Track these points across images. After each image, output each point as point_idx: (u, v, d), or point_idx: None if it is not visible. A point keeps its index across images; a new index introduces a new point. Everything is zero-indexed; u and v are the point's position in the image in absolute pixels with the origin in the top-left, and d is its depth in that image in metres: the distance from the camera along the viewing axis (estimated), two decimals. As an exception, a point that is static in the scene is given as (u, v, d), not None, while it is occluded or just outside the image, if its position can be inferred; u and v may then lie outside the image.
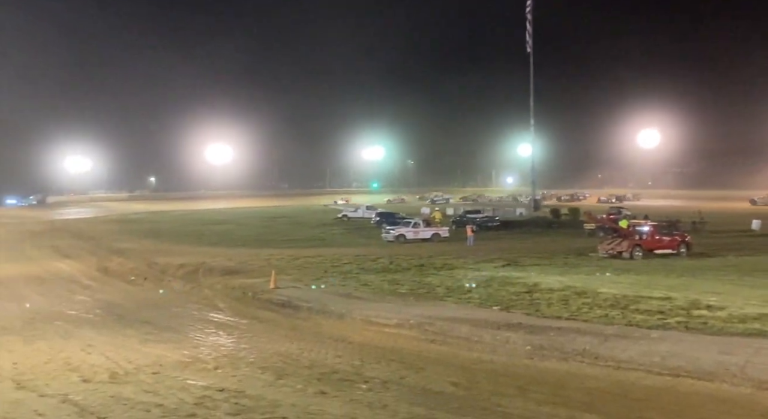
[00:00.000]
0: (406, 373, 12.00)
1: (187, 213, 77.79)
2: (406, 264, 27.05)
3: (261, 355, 13.63)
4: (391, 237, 39.82)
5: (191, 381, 11.62)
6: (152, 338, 15.58)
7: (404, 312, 17.05)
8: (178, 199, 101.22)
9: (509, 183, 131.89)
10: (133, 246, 37.71)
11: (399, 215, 52.55)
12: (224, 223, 58.35)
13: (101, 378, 11.88)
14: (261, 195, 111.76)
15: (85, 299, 21.78)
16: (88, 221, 64.31)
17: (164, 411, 9.78)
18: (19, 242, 41.94)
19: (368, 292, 20.92)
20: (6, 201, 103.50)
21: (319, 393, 10.72)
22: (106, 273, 27.92)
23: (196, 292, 22.82)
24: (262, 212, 79.31)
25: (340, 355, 13.49)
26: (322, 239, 42.70)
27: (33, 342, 15.30)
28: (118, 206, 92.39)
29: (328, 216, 63.93)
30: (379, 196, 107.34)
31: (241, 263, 29.18)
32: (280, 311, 19.03)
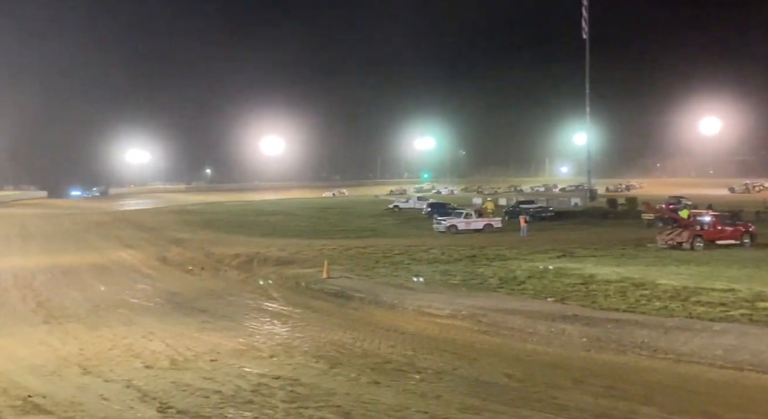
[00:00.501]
0: (459, 364, 11.95)
1: (242, 204, 79.27)
2: (457, 255, 26.90)
3: (315, 344, 13.80)
4: (443, 228, 39.64)
5: (247, 368, 11.86)
6: (209, 326, 15.96)
7: (456, 303, 16.97)
8: (232, 190, 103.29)
9: (563, 172, 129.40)
10: (190, 237, 38.64)
11: (450, 205, 52.24)
12: (277, 214, 59.23)
13: (162, 364, 12.24)
14: (313, 186, 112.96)
15: (145, 287, 22.45)
16: (147, 212, 66.28)
17: (222, 397, 10.01)
18: (84, 232, 43.50)
19: (420, 282, 20.90)
20: (71, 193, 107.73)
21: (373, 382, 10.79)
22: (165, 263, 28.69)
23: (251, 282, 23.24)
24: (314, 203, 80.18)
25: (393, 345, 13.54)
26: (374, 230, 42.85)
27: (97, 328, 15.86)
28: (176, 198, 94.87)
29: (379, 207, 64.13)
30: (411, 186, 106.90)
31: (294, 253, 29.56)
32: (333, 301, 19.21)
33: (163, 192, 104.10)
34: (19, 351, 13.78)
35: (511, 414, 9.17)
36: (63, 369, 12.11)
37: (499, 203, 60.63)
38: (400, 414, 9.13)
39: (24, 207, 73.77)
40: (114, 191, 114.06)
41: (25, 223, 50.66)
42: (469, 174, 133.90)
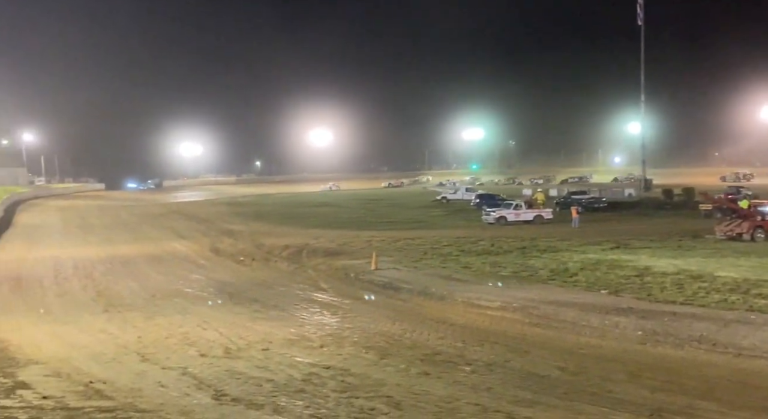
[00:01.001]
0: (511, 356, 11.83)
1: (291, 196, 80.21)
2: (507, 247, 26.60)
3: (364, 335, 13.87)
4: (492, 219, 39.22)
5: (299, 358, 12.01)
6: (261, 316, 16.22)
7: (507, 295, 16.79)
8: (281, 182, 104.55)
9: (617, 163, 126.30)
10: (241, 228, 39.28)
11: (500, 196, 51.66)
12: (326, 205, 59.69)
13: (216, 352, 12.51)
14: (361, 178, 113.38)
15: (199, 277, 22.94)
16: (200, 204, 67.70)
17: (275, 386, 10.16)
18: (140, 223, 44.74)
19: (469, 274, 20.75)
20: (127, 185, 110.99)
21: (423, 373, 10.77)
22: (218, 254, 29.26)
23: (301, 272, 23.48)
24: (362, 194, 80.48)
25: (442, 337, 13.50)
26: (422, 222, 42.73)
27: (154, 317, 16.31)
28: (227, 190, 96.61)
29: (427, 198, 63.90)
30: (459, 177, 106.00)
31: (343, 244, 29.73)
32: (382, 292, 19.25)
33: (214, 184, 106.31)
34: (80, 338, 14.30)
35: (565, 408, 9.02)
36: (122, 356, 12.50)
37: (549, 194, 59.67)
38: (450, 405, 9.10)
39: (83, 199, 76.31)
40: (168, 183, 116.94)
41: (85, 214, 52.39)
42: (518, 165, 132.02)
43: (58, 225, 43.73)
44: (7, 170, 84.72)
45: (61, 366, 11.71)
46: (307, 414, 8.76)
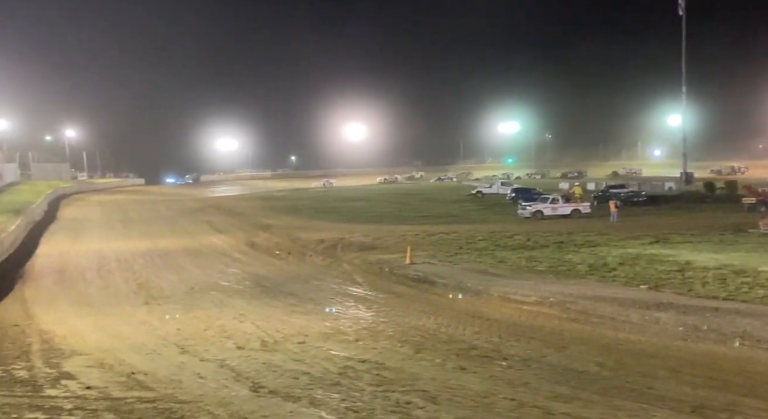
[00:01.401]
0: (548, 352, 11.71)
1: (325, 190, 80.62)
2: (544, 241, 26.31)
3: (399, 329, 13.88)
4: (528, 213, 38.81)
5: (334, 351, 12.08)
6: (296, 309, 16.37)
7: (543, 290, 16.61)
8: (316, 177, 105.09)
9: (657, 156, 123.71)
10: (276, 222, 39.63)
11: (536, 190, 51.10)
12: (360, 200, 59.83)
13: (253, 345, 12.66)
14: (395, 172, 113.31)
15: (236, 271, 23.25)
16: (236, 198, 68.50)
17: (311, 378, 10.24)
18: (178, 217, 45.50)
19: (505, 269, 20.59)
20: (166, 180, 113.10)
21: (458, 368, 10.73)
22: (254, 247, 29.60)
23: (336, 266, 23.61)
24: (397, 188, 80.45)
25: (478, 331, 13.43)
26: (456, 216, 42.52)
27: (192, 310, 16.60)
28: (263, 184, 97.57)
29: (461, 192, 63.57)
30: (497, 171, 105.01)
31: (377, 239, 29.77)
32: (416, 287, 19.23)
33: (249, 179, 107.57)
34: (122, 329, 14.63)
35: (604, 404, 8.90)
36: (162, 347, 12.75)
37: (587, 188, 58.82)
38: (487, 400, 9.05)
39: (124, 194, 77.93)
40: (205, 178, 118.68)
41: (126, 209, 53.49)
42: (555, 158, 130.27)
43: (99, 219, 44.75)
44: (52, 165, 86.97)
45: (103, 356, 11.99)
46: (343, 407, 8.81)
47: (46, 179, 74.48)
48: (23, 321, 15.88)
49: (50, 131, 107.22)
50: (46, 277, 22.69)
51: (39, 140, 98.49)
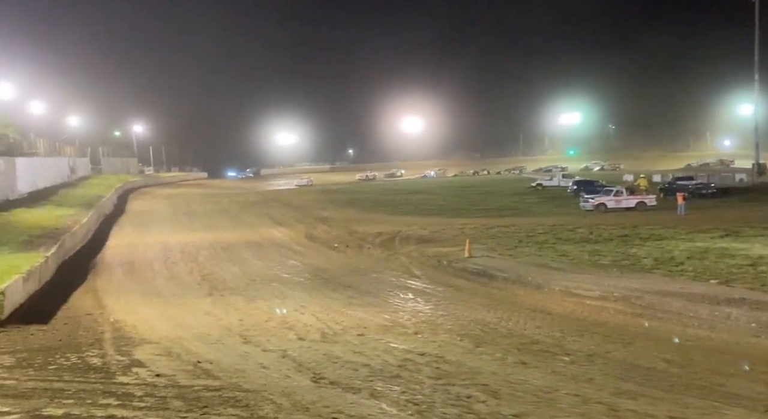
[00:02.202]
0: (612, 347, 11.43)
1: (383, 183, 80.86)
2: (607, 234, 25.66)
3: (458, 322, 13.80)
4: (590, 206, 37.96)
5: (393, 344, 12.10)
6: (355, 302, 16.48)
7: (607, 284, 16.21)
8: (373, 169, 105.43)
9: (726, 146, 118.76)
10: (334, 215, 40.02)
11: (599, 182, 49.88)
12: (418, 192, 59.72)
13: (313, 337, 12.82)
14: (453, 165, 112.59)
15: (296, 263, 23.59)
16: (295, 191, 69.51)
17: (371, 371, 10.30)
18: (239, 211, 46.49)
19: (566, 263, 20.20)
20: (228, 174, 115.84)
21: (520, 363, 10.60)
22: (313, 240, 29.96)
23: (394, 259, 23.65)
24: (455, 181, 79.99)
25: (540, 326, 13.22)
26: (516, 209, 41.96)
27: (254, 301, 16.94)
28: (321, 177, 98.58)
29: (521, 185, 62.65)
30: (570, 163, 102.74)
31: (435, 232, 29.68)
32: (476, 280, 19.08)
33: (308, 172, 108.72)
34: (188, 319, 15.06)
35: (671, 401, 8.62)
36: (226, 338, 13.06)
37: (653, 180, 57.03)
38: (549, 395, 8.90)
39: (188, 187, 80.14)
40: (265, 171, 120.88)
41: (189, 202, 55.00)
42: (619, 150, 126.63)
43: (165, 212, 46.15)
44: (120, 160, 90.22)
45: (171, 345, 12.37)
46: (403, 400, 8.82)
47: (115, 172, 77.35)
48: (95, 310, 16.54)
49: (119, 127, 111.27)
50: (116, 268, 23.57)
51: (108, 136, 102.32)
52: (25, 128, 51.02)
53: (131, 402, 8.75)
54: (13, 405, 8.44)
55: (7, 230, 26.15)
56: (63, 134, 68.93)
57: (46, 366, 10.91)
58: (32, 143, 52.48)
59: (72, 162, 61.36)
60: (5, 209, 31.91)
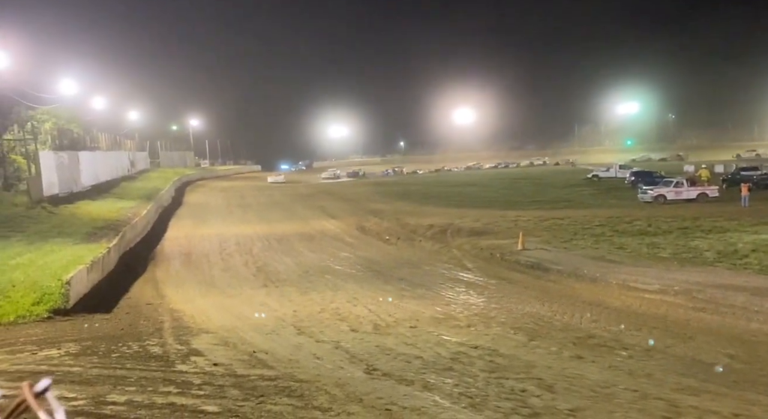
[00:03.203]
0: (672, 342, 11.11)
1: (434, 175, 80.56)
2: (666, 227, 24.91)
3: (512, 316, 13.65)
4: (649, 198, 36.90)
5: (446, 336, 12.05)
6: (407, 294, 16.48)
7: (667, 278, 15.75)
8: (425, 162, 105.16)
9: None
10: (386, 207, 40.06)
11: (657, 173, 48.48)
12: (469, 184, 59.27)
13: (366, 328, 12.88)
14: (506, 156, 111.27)
15: (347, 255, 23.74)
16: (346, 184, 69.95)
17: (423, 363, 10.28)
18: (292, 203, 47.06)
19: (624, 255, 19.71)
20: (281, 166, 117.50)
21: (576, 357, 10.40)
22: (364, 232, 30.08)
23: (445, 252, 23.54)
24: (507, 173, 79.03)
25: (596, 320, 12.95)
26: (571, 201, 41.15)
27: (307, 292, 17.13)
28: (372, 170, 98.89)
29: (576, 177, 61.42)
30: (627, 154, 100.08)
31: (488, 224, 29.38)
32: (529, 273, 18.82)
33: (359, 165, 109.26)
34: (243, 310, 15.36)
35: (735, 397, 8.32)
36: (280, 328, 13.25)
37: (715, 170, 55.07)
38: (607, 390, 8.71)
39: (242, 180, 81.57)
40: (317, 164, 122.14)
41: (244, 194, 55.98)
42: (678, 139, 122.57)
43: (220, 204, 47.10)
44: (178, 153, 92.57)
45: (228, 335, 12.63)
46: (456, 392, 8.77)
47: (173, 166, 79.41)
48: (155, 300, 17.04)
49: (176, 121, 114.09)
50: (174, 259, 24.20)
51: (166, 130, 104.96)
52: (87, 123, 52.78)
53: (190, 390, 8.96)
54: (79, 392, 8.76)
55: (72, 222, 27.17)
56: (123, 128, 71.06)
57: (110, 354, 11.29)
58: (94, 137, 54.29)
59: (132, 156, 63.24)
60: (70, 201, 33.16)
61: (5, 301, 14.56)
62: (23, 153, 36.15)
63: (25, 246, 20.91)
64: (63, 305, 14.75)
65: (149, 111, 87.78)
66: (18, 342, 12.18)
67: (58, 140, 43.23)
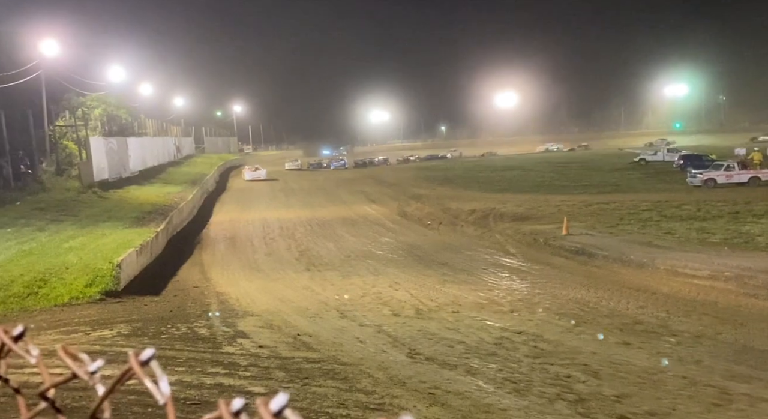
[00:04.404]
0: (722, 329, 10.84)
1: (476, 160, 79.86)
2: (717, 211, 24.21)
3: (556, 301, 13.49)
4: (698, 182, 35.90)
5: (489, 321, 11.99)
6: (449, 279, 16.43)
7: (718, 263, 15.33)
8: (466, 146, 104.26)
9: None
10: (428, 192, 39.92)
11: (707, 157, 47.07)
12: (512, 169, 58.54)
13: (408, 313, 12.91)
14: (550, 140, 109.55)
15: (389, 240, 23.79)
16: (388, 168, 69.91)
17: (466, 347, 10.26)
18: (334, 188, 47.35)
19: (672, 241, 19.25)
20: (322, 152, 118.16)
21: (622, 343, 10.24)
22: (406, 217, 30.09)
23: (488, 237, 23.38)
24: (551, 157, 77.81)
25: (643, 306, 12.72)
26: (617, 185, 40.30)
27: (350, 277, 17.25)
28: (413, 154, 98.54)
29: (622, 160, 60.09)
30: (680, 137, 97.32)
31: (531, 209, 29.03)
32: (574, 258, 18.56)
33: (400, 150, 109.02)
34: (287, 293, 15.56)
35: (791, 388, 8.09)
36: (324, 312, 13.39)
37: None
38: (654, 377, 8.56)
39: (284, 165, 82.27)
40: (358, 149, 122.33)
41: (287, 179, 56.52)
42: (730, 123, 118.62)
43: (264, 189, 47.67)
44: (222, 139, 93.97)
45: (272, 318, 12.81)
46: (500, 378, 8.74)
47: (217, 151, 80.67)
48: (202, 283, 17.40)
49: (220, 107, 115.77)
50: (219, 243, 24.64)
51: (210, 116, 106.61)
52: (135, 110, 53.94)
53: (237, 371, 9.14)
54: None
55: (121, 206, 27.91)
56: (169, 114, 72.39)
57: (159, 335, 11.58)
58: (142, 123, 55.50)
59: (178, 142, 64.48)
60: (119, 186, 34.04)
61: (60, 283, 15.07)
62: (74, 139, 37.20)
63: (78, 230, 21.58)
64: (114, 287, 15.19)
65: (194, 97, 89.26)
66: (72, 322, 12.60)
67: (107, 126, 44.34)
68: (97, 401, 0.74)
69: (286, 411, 0.55)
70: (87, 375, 0.76)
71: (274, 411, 0.55)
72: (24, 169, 32.12)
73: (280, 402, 0.55)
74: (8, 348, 0.84)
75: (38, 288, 14.72)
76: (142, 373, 0.71)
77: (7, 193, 27.20)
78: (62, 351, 0.77)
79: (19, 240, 19.47)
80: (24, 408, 0.82)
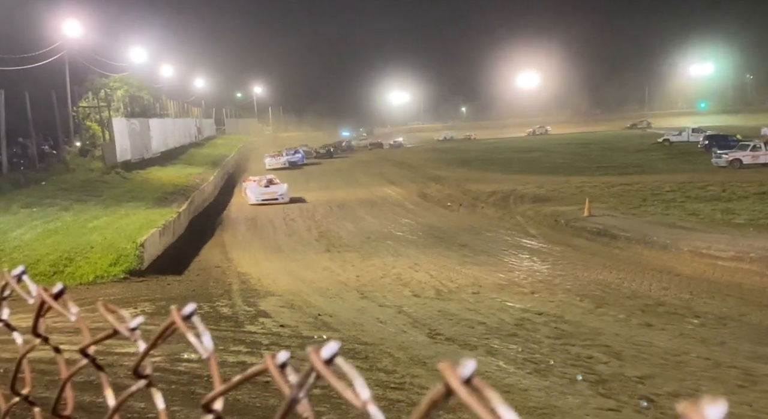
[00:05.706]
0: (747, 310, 10.72)
1: (497, 141, 79.28)
2: (742, 192, 23.84)
3: (577, 282, 13.43)
4: (723, 162, 35.33)
5: (509, 303, 11.98)
6: (469, 260, 16.41)
7: (742, 244, 15.12)
8: (488, 127, 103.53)
9: None
10: (447, 174, 39.75)
11: (733, 137, 46.25)
12: (533, 150, 58.03)
13: (428, 294, 12.94)
14: (571, 121, 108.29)
15: (409, 221, 23.78)
16: (407, 150, 69.75)
17: (487, 328, 10.27)
18: (353, 169, 47.34)
19: (696, 222, 19.01)
20: (341, 133, 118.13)
21: (644, 324, 10.18)
22: (425, 199, 30.03)
23: (508, 218, 23.27)
24: (573, 138, 76.98)
25: (666, 287, 12.61)
26: (640, 166, 39.79)
27: (369, 258, 17.29)
28: (433, 136, 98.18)
29: (646, 141, 59.28)
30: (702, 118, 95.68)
31: (552, 190, 28.80)
32: (595, 240, 18.41)
33: (420, 131, 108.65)
34: (307, 274, 15.66)
35: (816, 371, 7.99)
36: (344, 292, 13.46)
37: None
38: (677, 358, 8.51)
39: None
40: (378, 131, 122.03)
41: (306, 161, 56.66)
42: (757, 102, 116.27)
43: (282, 171, 47.81)
44: (242, 120, 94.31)
45: (293, 298, 12.91)
46: (521, 358, 8.74)
47: (237, 133, 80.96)
48: (223, 263, 17.56)
49: (240, 89, 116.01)
50: (240, 224, 24.82)
51: (231, 97, 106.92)
52: (157, 91, 54.23)
53: (259, 349, 9.23)
54: (156, 349, 9.13)
55: (144, 187, 28.18)
56: (190, 95, 72.69)
57: (182, 314, 11.74)
58: (163, 104, 55.81)
59: (199, 123, 64.81)
60: (141, 167, 34.35)
61: (84, 262, 15.30)
62: (97, 120, 37.54)
63: (101, 210, 21.85)
64: (138, 266, 15.39)
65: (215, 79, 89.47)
66: (97, 300, 12.78)
67: (130, 107, 44.63)
68: (139, 356, 0.74)
69: (337, 358, 0.55)
70: (128, 331, 0.76)
71: (326, 358, 0.54)
72: (48, 149, 32.55)
73: (332, 349, 0.55)
74: (48, 305, 0.85)
75: (64, 267, 14.96)
76: (184, 327, 0.71)
77: (33, 173, 27.59)
78: (103, 308, 0.77)
79: (45, 220, 19.77)
80: (64, 366, 0.82)
